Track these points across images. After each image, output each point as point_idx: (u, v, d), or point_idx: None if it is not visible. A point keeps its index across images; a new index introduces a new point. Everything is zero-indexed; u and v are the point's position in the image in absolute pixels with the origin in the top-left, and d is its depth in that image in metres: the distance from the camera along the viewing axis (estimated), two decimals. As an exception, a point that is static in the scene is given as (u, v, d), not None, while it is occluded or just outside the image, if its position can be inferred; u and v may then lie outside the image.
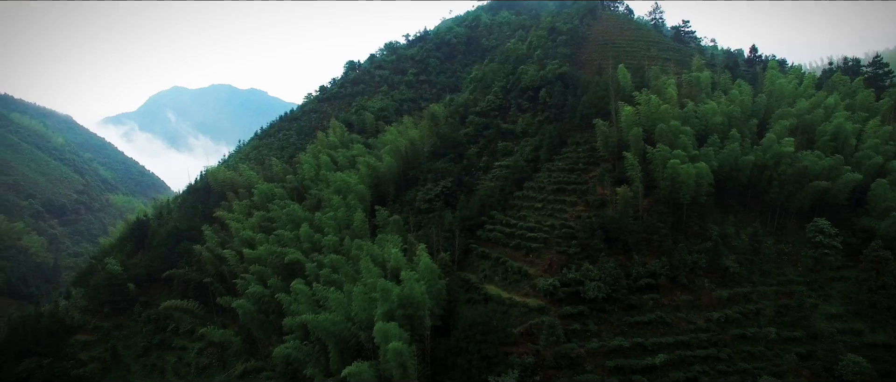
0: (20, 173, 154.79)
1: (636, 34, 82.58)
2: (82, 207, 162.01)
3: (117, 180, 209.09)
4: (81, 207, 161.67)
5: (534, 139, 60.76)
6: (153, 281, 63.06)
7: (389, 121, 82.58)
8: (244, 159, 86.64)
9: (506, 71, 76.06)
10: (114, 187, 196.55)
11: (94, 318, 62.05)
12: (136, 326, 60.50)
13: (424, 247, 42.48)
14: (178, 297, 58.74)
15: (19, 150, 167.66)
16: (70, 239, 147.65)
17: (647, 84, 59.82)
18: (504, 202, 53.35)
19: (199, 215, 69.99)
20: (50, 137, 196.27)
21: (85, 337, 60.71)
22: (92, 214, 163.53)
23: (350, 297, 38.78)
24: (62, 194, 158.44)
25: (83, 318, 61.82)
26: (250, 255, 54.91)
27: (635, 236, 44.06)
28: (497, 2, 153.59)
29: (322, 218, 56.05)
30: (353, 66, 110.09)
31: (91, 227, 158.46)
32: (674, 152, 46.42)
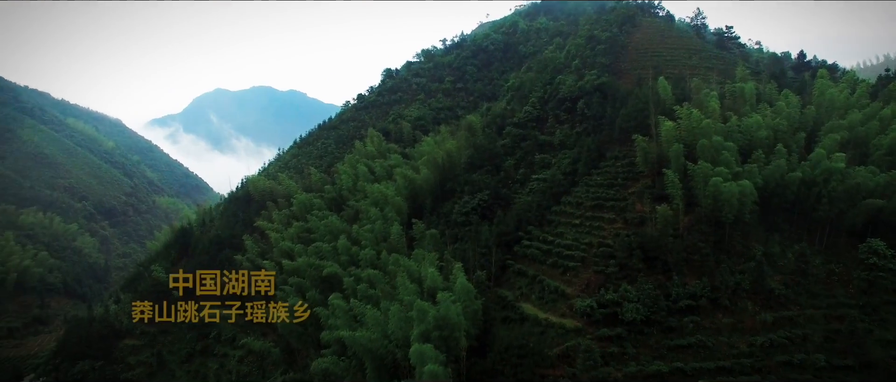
0: (75, 176, 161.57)
1: (677, 42, 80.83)
2: (131, 209, 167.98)
3: (163, 182, 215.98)
4: (130, 209, 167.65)
5: (571, 152, 60.19)
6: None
7: (426, 130, 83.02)
8: (284, 167, 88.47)
9: (543, 81, 75.55)
10: (160, 190, 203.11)
11: (141, 323, 64.22)
12: (181, 332, 62.50)
13: (461, 266, 42.55)
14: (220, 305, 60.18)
15: (74, 154, 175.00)
16: (119, 240, 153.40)
17: (688, 97, 58.43)
18: (541, 217, 52.98)
19: (240, 223, 71.85)
20: (101, 141, 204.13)
21: (133, 342, 63.19)
22: (139, 216, 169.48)
23: (387, 315, 39.18)
24: (112, 196, 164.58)
25: (131, 323, 64.13)
26: (289, 266, 56.04)
27: (675, 256, 43.07)
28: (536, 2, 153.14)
29: (359, 231, 56.80)
30: (391, 74, 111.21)
31: (138, 228, 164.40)
32: (716, 169, 45.21)
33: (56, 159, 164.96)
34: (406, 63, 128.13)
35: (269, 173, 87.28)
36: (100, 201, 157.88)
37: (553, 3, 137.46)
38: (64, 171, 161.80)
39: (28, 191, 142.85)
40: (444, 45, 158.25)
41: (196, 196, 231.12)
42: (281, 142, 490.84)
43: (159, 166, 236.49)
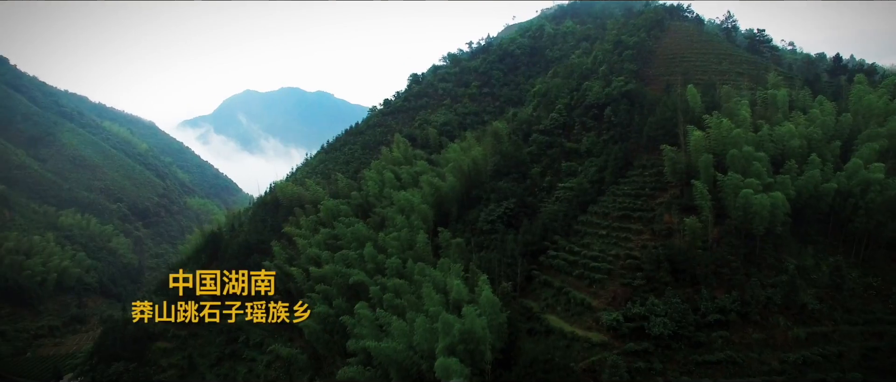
0: (110, 178, 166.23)
1: (706, 47, 79.43)
2: (163, 210, 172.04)
3: (194, 183, 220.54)
4: (162, 210, 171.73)
5: (598, 160, 59.65)
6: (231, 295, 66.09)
7: (452, 136, 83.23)
8: (311, 172, 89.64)
9: (570, 87, 75.01)
10: (191, 191, 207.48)
11: (173, 326, 65.79)
12: (210, 336, 63.85)
13: (486, 278, 42.59)
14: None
15: (110, 156, 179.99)
16: (152, 241, 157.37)
17: (717, 104, 57.35)
18: (567, 227, 52.69)
19: (269, 228, 73.02)
20: (136, 144, 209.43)
21: (165, 345, 64.82)
22: (171, 216, 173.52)
23: (412, 326, 39.48)
24: (146, 197, 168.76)
25: (164, 326, 65.75)
26: (316, 273, 56.81)
27: (704, 269, 42.49)
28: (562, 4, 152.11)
29: (385, 239, 57.27)
30: (417, 79, 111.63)
31: (170, 229, 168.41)
32: (746, 181, 44.44)
33: (93, 162, 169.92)
34: (432, 67, 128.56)
35: (297, 179, 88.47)
36: (134, 203, 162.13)
37: (580, 6, 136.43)
38: (100, 173, 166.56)
39: (67, 193, 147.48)
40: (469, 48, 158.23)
41: (225, 197, 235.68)
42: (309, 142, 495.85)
43: (190, 167, 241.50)
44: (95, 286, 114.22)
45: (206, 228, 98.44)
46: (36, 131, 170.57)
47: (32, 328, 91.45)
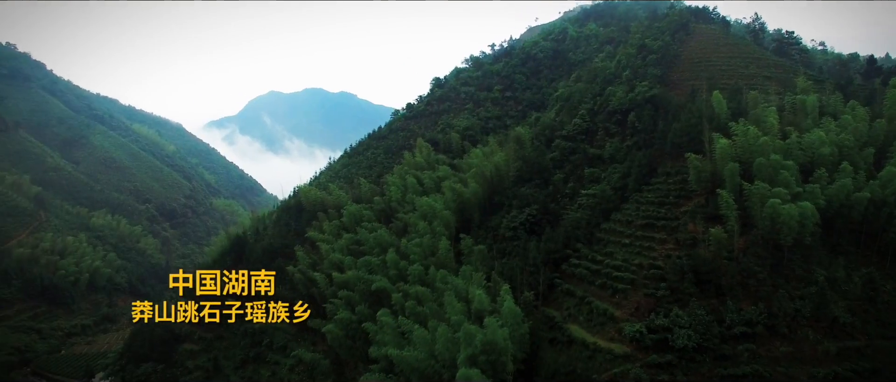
0: (139, 180, 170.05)
1: (733, 50, 78.05)
2: (190, 211, 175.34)
3: (220, 184, 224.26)
4: (189, 211, 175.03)
5: (622, 166, 59.17)
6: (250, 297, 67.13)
7: (475, 140, 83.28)
8: (334, 177, 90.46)
9: (593, 92, 74.51)
10: (216, 191, 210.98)
11: (199, 329, 67.17)
12: (235, 338, 64.89)
13: (508, 288, 42.58)
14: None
15: (139, 158, 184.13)
16: (179, 241, 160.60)
17: (744, 111, 56.41)
18: (590, 235, 52.37)
19: (292, 233, 73.90)
20: (163, 146, 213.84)
21: (191, 346, 66.12)
22: (198, 217, 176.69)
23: (434, 335, 39.65)
24: (173, 198, 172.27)
25: (190, 328, 67.15)
26: (339, 279, 57.36)
27: (730, 280, 41.86)
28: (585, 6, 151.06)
29: (408, 245, 57.58)
30: (439, 83, 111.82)
31: (197, 229, 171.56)
32: (774, 190, 43.57)
33: (123, 164, 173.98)
34: (454, 70, 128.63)
35: (320, 183, 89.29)
36: (162, 204, 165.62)
37: (603, 8, 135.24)
38: (130, 174, 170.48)
39: (98, 194, 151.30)
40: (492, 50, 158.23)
41: (250, 197, 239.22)
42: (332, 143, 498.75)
43: (216, 168, 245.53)
44: (125, 285, 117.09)
45: (232, 230, 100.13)
46: (70, 134, 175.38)
47: (66, 326, 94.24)
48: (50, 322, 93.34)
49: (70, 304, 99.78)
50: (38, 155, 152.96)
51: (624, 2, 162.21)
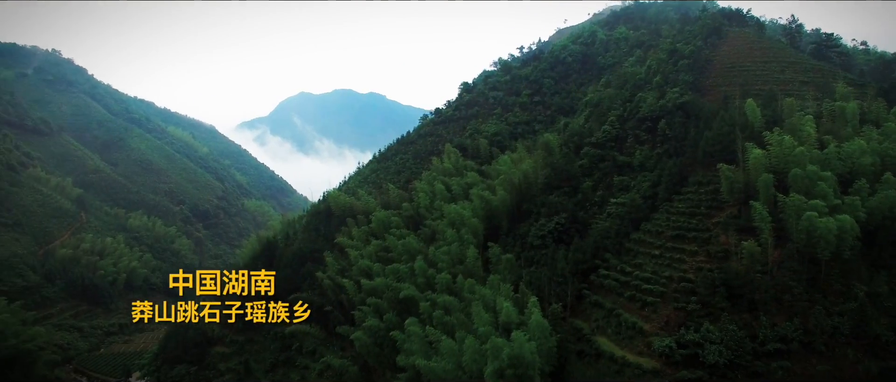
0: (174, 181, 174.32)
1: (767, 54, 76.13)
2: (222, 212, 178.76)
3: (251, 185, 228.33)
4: (221, 212, 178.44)
5: (652, 175, 58.46)
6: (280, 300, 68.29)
7: (503, 146, 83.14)
8: (363, 182, 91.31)
9: (623, 98, 73.72)
10: (248, 192, 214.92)
11: (230, 332, 68.77)
12: (266, 342, 66.19)
13: (536, 301, 42.53)
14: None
15: (174, 160, 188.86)
16: (212, 241, 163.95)
17: (779, 119, 55.00)
18: (619, 245, 51.88)
19: (322, 238, 74.85)
20: (197, 147, 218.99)
21: (223, 349, 67.65)
22: (230, 218, 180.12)
23: (462, 346, 39.85)
24: (206, 199, 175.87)
25: (222, 331, 68.80)
26: (367, 286, 57.98)
27: (763, 294, 40.98)
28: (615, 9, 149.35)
29: (436, 253, 57.89)
30: (468, 88, 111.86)
31: (229, 230, 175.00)
32: (810, 203, 42.49)
33: (159, 165, 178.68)
34: (483, 74, 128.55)
35: (349, 188, 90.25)
36: (195, 205, 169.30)
37: (633, 10, 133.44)
38: (165, 176, 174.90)
39: (135, 195, 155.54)
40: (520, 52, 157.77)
41: (280, 198, 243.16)
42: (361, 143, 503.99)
43: (247, 169, 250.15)
44: (160, 286, 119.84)
45: (262, 234, 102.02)
46: (108, 137, 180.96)
47: (105, 325, 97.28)
48: (90, 321, 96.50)
49: (108, 303, 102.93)
50: (80, 158, 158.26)
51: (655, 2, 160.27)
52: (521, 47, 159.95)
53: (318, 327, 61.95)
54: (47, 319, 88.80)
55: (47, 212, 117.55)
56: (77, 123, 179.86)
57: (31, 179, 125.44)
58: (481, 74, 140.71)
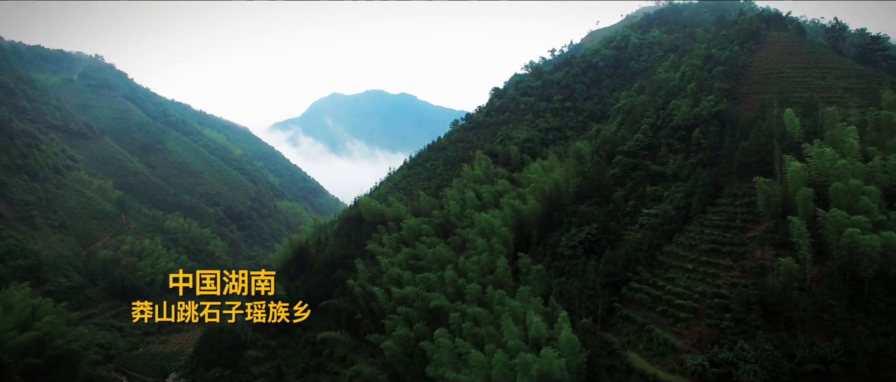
0: (209, 183, 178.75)
1: (808, 60, 73.83)
2: (255, 213, 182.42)
3: (284, 187, 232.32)
4: (254, 213, 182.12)
5: (685, 185, 57.44)
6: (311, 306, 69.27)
7: (534, 153, 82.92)
8: (394, 188, 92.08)
9: (656, 105, 72.57)
10: (281, 194, 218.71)
11: (263, 336, 70.24)
12: (297, 347, 67.40)
13: (566, 315, 42.30)
14: (333, 325, 64.40)
15: (209, 162, 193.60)
16: (245, 243, 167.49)
17: (820, 129, 53.29)
18: (651, 258, 51.14)
19: (353, 244, 75.85)
20: (231, 149, 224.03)
21: (256, 353, 69.15)
22: (263, 220, 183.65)
23: (491, 359, 39.92)
24: (240, 201, 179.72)
25: (255, 335, 70.29)
26: (398, 294, 58.51)
27: (801, 313, 39.81)
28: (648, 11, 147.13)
29: (466, 262, 58.08)
30: (499, 93, 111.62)
31: (262, 232, 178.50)
32: (852, 218, 41.10)
33: (194, 168, 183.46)
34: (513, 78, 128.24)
35: (380, 194, 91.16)
36: (229, 207, 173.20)
37: (667, 13, 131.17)
38: (201, 178, 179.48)
39: (172, 197, 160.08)
40: (552, 55, 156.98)
41: (312, 199, 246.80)
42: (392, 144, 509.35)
43: (280, 170, 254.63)
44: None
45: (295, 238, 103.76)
46: (147, 140, 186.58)
47: (143, 325, 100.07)
48: (129, 320, 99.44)
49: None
50: (120, 160, 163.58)
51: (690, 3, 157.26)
52: (553, 50, 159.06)
53: (349, 334, 62.82)
54: (90, 318, 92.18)
55: (90, 214, 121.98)
56: (118, 126, 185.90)
57: (76, 181, 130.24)
58: (512, 77, 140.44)
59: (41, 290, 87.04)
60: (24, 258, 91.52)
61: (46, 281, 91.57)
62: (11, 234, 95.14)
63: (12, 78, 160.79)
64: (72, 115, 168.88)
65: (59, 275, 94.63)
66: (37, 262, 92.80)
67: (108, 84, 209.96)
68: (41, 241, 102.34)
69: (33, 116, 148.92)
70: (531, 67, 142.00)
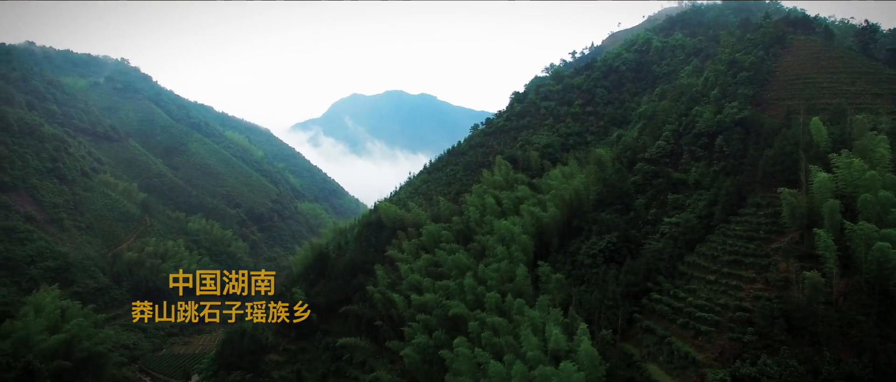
0: (231, 185, 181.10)
1: (836, 65, 72.18)
2: (276, 215, 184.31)
3: (304, 188, 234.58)
4: (275, 215, 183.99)
5: (708, 193, 56.70)
6: (331, 311, 70.07)
7: (555, 158, 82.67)
8: (414, 193, 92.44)
9: (678, 111, 71.73)
10: (301, 195, 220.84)
11: (283, 340, 71.08)
12: (317, 352, 68.04)
13: (585, 328, 42.10)
14: (353, 330, 64.97)
15: (230, 164, 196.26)
16: (266, 244, 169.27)
17: (848, 138, 52.13)
18: (672, 268, 50.63)
19: (373, 249, 76.34)
20: (252, 151, 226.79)
21: (276, 357, 70.01)
22: (283, 221, 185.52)
23: (510, 370, 39.92)
24: (261, 203, 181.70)
25: (275, 339, 71.15)
26: (417, 301, 58.78)
27: (827, 328, 39.02)
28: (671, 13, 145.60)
29: (485, 270, 58.13)
30: (519, 97, 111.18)
31: (282, 233, 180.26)
32: (882, 232, 40.11)
33: (216, 170, 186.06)
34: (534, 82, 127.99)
35: (400, 199, 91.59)
36: (250, 208, 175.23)
37: (690, 16, 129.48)
38: (222, 180, 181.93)
39: (195, 199, 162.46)
40: (572, 57, 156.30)
41: (333, 200, 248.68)
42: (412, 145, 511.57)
43: (300, 171, 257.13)
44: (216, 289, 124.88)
45: (315, 242, 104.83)
46: (171, 142, 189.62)
47: (166, 326, 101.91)
48: (153, 322, 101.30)
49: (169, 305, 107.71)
50: (144, 163, 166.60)
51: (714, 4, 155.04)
52: (574, 52, 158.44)
53: (369, 340, 63.24)
54: (115, 319, 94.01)
55: (115, 216, 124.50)
56: (142, 128, 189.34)
57: (102, 184, 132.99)
58: (532, 81, 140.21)
59: (69, 291, 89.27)
60: (54, 260, 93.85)
61: (74, 282, 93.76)
62: (42, 236, 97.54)
63: (43, 83, 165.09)
64: (98, 118, 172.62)
65: (86, 276, 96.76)
66: (65, 264, 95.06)
67: (133, 87, 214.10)
68: (69, 242, 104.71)
69: (62, 120, 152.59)
70: (551, 69, 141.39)
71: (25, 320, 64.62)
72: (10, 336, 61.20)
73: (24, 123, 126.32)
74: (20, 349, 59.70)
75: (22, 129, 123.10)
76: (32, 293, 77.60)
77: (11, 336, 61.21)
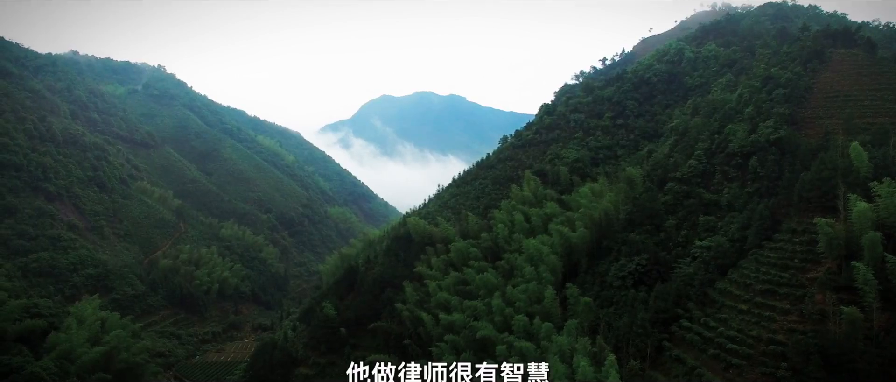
0: (262, 190, 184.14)
1: (879, 80, 69.86)
2: (306, 220, 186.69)
3: (333, 192, 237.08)
4: (305, 219, 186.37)
5: (741, 216, 55.75)
6: (360, 326, 70.95)
7: (584, 173, 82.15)
8: (442, 207, 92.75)
9: (711, 128, 70.56)
10: (331, 199, 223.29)
11: (313, 354, 72.14)
12: (346, 366, 68.64)
13: (613, 359, 41.84)
14: (382, 346, 65.59)
15: (262, 169, 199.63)
16: (296, 249, 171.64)
17: (890, 164, 50.56)
18: (703, 295, 49.86)
19: (401, 264, 76.98)
20: (283, 156, 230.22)
21: (306, 370, 71.05)
22: (313, 226, 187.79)
23: (536, 401, 39.87)
24: (291, 208, 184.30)
25: (305, 353, 72.33)
26: (445, 321, 59.15)
27: (867, 365, 37.96)
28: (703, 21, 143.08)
29: (513, 291, 58.19)
30: (548, 110, 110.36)
31: (312, 238, 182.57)
32: (925, 266, 39.04)
33: (248, 175, 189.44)
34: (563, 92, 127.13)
35: (428, 213, 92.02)
36: (281, 213, 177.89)
37: (723, 24, 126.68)
38: (254, 185, 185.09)
39: (227, 204, 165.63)
40: (603, 65, 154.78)
41: (362, 204, 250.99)
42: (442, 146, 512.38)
43: (330, 175, 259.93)
44: (249, 294, 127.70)
45: (344, 250, 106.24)
46: (205, 148, 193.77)
47: (200, 333, 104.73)
48: (187, 329, 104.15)
49: (203, 312, 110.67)
50: (180, 169, 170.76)
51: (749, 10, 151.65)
52: (604, 59, 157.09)
53: (397, 357, 63.71)
54: (151, 326, 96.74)
55: (152, 223, 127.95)
56: (178, 135, 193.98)
57: (139, 191, 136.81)
58: (562, 88, 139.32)
59: (108, 299, 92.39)
60: (94, 268, 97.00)
61: (113, 289, 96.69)
62: (84, 244, 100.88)
63: (85, 92, 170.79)
64: (136, 125, 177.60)
65: (124, 284, 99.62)
66: (105, 271, 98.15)
67: (169, 94, 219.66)
68: (108, 250, 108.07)
69: (103, 128, 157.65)
70: (581, 77, 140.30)
71: (69, 332, 66.96)
72: (55, 348, 63.40)
73: (68, 132, 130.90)
74: (64, 364, 61.81)
75: (66, 139, 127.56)
76: (75, 303, 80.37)
77: (57, 348, 63.42)
